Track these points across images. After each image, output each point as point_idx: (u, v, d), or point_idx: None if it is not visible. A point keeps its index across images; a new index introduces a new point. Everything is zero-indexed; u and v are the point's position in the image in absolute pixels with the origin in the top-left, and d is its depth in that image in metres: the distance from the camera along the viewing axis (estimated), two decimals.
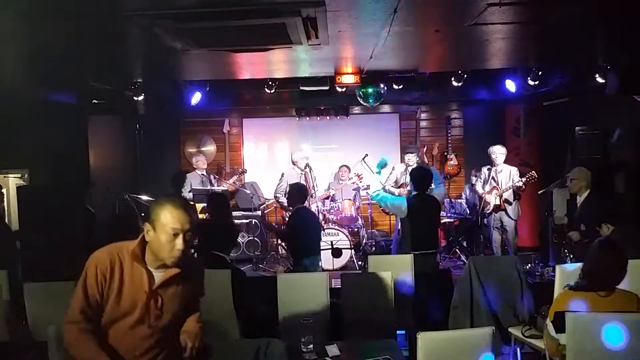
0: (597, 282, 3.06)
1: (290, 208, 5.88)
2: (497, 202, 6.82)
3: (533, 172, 6.60)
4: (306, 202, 7.10)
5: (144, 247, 2.33)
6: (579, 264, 3.25)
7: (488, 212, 6.94)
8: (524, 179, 6.59)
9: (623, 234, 4.50)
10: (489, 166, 6.99)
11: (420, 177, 5.32)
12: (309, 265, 5.43)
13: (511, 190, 6.73)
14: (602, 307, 2.99)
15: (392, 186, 7.17)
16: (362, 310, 4.11)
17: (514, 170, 6.82)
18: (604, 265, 3.03)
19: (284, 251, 7.69)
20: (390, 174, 7.34)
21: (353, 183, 7.89)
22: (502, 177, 6.82)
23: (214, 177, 8.34)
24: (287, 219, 6.57)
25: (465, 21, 4.12)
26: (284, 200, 7.08)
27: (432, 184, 5.38)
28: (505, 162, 6.94)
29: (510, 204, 6.79)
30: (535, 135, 8.35)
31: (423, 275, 4.94)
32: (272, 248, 8.14)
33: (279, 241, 7.74)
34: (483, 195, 6.96)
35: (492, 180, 6.88)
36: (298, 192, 5.65)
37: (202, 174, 8.07)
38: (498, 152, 6.85)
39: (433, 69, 7.05)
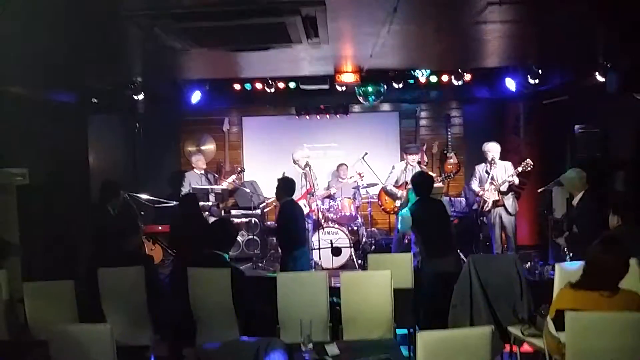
0: (599, 281, 3.04)
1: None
2: (496, 198, 6.83)
3: (528, 159, 6.61)
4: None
5: None
6: (579, 263, 3.25)
7: (487, 209, 6.95)
8: (520, 168, 6.61)
9: (629, 231, 4.50)
10: (484, 164, 6.99)
11: (421, 182, 5.26)
12: (299, 256, 5.45)
13: (507, 183, 6.74)
14: (604, 307, 2.98)
15: (393, 185, 7.17)
16: (362, 310, 4.11)
17: (509, 165, 6.84)
18: (605, 264, 3.02)
19: None
20: (391, 173, 7.34)
21: (355, 182, 7.88)
22: (498, 172, 6.83)
23: (213, 176, 8.36)
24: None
25: (465, 20, 4.12)
26: None
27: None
28: (503, 159, 6.95)
29: (506, 194, 6.80)
30: (535, 134, 8.34)
31: (446, 278, 4.90)
32: (271, 247, 8.14)
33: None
34: (480, 193, 6.96)
35: (490, 177, 6.88)
36: (286, 186, 5.66)
37: (201, 173, 8.07)
38: (493, 149, 6.86)
39: (433, 68, 7.04)
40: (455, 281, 4.88)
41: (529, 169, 6.64)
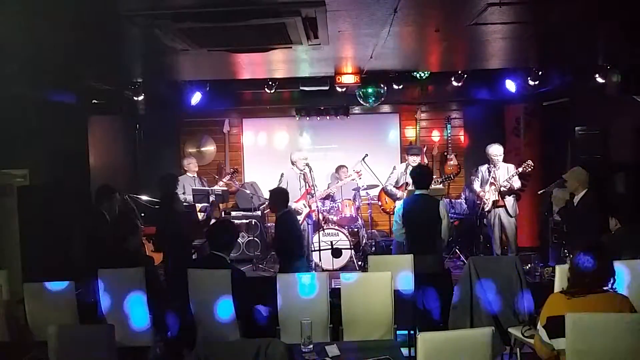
0: (586, 285, 3.05)
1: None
2: (496, 198, 6.83)
3: (529, 160, 6.61)
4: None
5: None
6: None
7: (487, 209, 6.94)
8: (520, 169, 6.61)
9: (627, 233, 4.50)
10: (487, 165, 6.99)
11: (420, 174, 5.27)
12: (300, 267, 5.44)
13: (507, 183, 6.73)
14: (595, 309, 2.98)
15: (393, 186, 7.16)
16: (362, 310, 4.11)
17: (512, 168, 6.83)
18: (589, 268, 3.03)
19: None
20: (392, 173, 7.33)
21: (352, 180, 7.87)
22: (500, 174, 6.83)
23: (214, 178, 8.37)
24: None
25: (465, 21, 4.12)
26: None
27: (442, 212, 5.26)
28: (505, 161, 6.95)
29: (506, 196, 6.79)
30: (535, 135, 8.35)
31: (422, 276, 4.92)
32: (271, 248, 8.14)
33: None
34: (481, 194, 6.95)
35: (491, 178, 6.88)
36: (281, 197, 5.66)
37: (193, 177, 8.07)
38: (496, 152, 6.85)
39: (433, 69, 7.05)
40: (432, 282, 4.89)
41: (529, 169, 6.64)
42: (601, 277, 3.06)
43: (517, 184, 6.76)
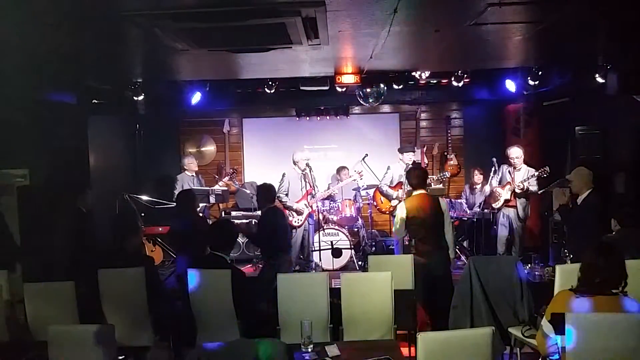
0: (595, 286, 3.05)
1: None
2: (508, 197, 6.83)
3: (547, 167, 6.62)
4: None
5: None
6: (579, 264, 3.24)
7: (497, 206, 6.94)
8: (536, 173, 6.62)
9: (628, 234, 4.50)
10: (507, 165, 6.98)
11: (415, 175, 5.27)
12: (281, 264, 5.43)
13: (523, 186, 6.73)
14: (601, 310, 2.98)
15: (388, 185, 7.15)
16: (362, 310, 4.11)
17: (532, 170, 6.80)
18: (601, 268, 3.03)
19: None
20: (386, 173, 7.31)
21: (354, 181, 7.86)
22: (519, 175, 6.83)
23: (213, 178, 8.36)
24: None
25: (465, 21, 4.12)
26: (286, 200, 7.09)
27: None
28: (504, 162, 6.95)
29: (520, 197, 6.80)
30: (535, 135, 8.34)
31: (428, 276, 4.94)
32: None
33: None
34: (496, 191, 6.94)
35: (509, 176, 6.88)
36: (266, 193, 5.69)
37: (192, 175, 8.06)
38: (514, 154, 6.85)
39: (433, 69, 7.05)
40: (439, 282, 4.94)
41: (545, 175, 6.63)
42: (612, 279, 3.03)
43: (533, 187, 6.74)
